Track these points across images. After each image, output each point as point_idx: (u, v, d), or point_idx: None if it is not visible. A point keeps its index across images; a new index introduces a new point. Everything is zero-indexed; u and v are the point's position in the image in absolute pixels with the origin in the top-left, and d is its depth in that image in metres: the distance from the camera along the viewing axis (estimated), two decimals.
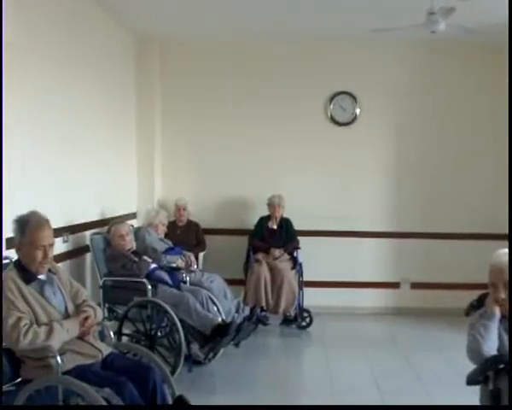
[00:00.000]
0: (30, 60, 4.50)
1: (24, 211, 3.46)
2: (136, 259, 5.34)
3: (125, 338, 5.14)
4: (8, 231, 3.69)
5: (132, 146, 7.19)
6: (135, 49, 7.18)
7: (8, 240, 3.79)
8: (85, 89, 5.62)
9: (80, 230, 5.49)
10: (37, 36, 4.64)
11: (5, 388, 3.26)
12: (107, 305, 5.28)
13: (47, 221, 3.43)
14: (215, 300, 5.39)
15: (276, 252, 6.79)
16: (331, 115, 7.45)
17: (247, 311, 6.34)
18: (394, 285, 7.48)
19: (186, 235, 6.95)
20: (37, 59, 4.62)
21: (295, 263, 6.82)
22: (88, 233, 5.61)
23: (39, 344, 3.15)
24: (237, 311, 5.74)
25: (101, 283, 5.30)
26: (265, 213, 7.06)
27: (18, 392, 3.16)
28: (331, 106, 7.44)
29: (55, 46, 4.94)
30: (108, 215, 6.15)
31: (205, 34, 7.05)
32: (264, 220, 7.04)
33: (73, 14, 5.33)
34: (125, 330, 5.16)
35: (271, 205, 7.00)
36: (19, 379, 3.32)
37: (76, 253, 5.38)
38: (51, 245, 3.41)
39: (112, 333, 3.70)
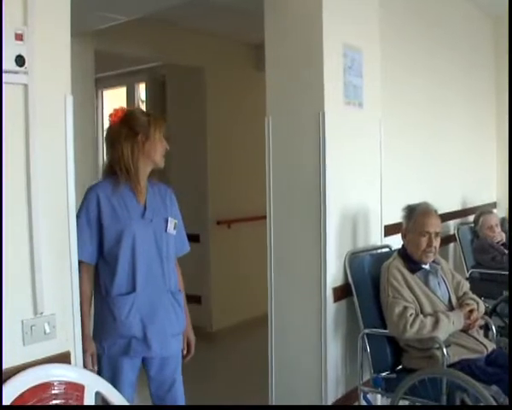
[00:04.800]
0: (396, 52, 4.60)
1: (408, 201, 3.59)
2: (506, 251, 5.08)
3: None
4: (387, 218, 3.82)
5: (492, 132, 6.88)
6: (492, 31, 6.86)
7: (387, 227, 3.89)
8: (448, 74, 5.59)
9: (444, 219, 5.41)
10: (404, 27, 4.71)
11: (385, 374, 3.36)
12: None
13: (435, 211, 3.47)
14: None
15: None
16: None
17: None
18: None
19: None
20: (403, 51, 4.72)
21: None
22: (451, 223, 5.53)
23: (425, 335, 3.17)
24: None
25: (467, 274, 5.16)
26: None
27: (399, 380, 3.21)
28: None
29: (419, 35, 4.97)
30: (468, 205, 5.99)
31: None
32: None
33: (437, 2, 5.34)
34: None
35: None
36: (399, 367, 3.40)
37: (441, 242, 5.31)
38: (437, 234, 3.42)
39: (494, 329, 3.56)
